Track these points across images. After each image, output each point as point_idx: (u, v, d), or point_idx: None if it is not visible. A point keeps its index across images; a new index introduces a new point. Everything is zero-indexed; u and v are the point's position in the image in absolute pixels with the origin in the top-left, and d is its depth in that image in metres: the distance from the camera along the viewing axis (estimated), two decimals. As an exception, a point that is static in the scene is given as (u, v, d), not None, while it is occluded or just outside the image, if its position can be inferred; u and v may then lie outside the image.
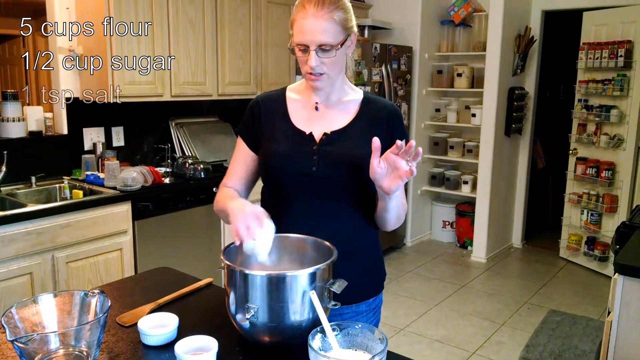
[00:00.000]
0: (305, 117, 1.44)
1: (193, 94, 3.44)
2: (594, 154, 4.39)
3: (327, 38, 1.30)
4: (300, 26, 1.31)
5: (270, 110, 1.47)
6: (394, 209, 1.34)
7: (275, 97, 1.50)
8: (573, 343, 3.21)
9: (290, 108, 1.46)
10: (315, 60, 1.31)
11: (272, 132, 1.44)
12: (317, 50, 1.31)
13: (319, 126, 1.42)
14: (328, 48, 1.31)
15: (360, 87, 1.53)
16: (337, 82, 1.42)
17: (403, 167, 1.19)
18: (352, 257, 1.38)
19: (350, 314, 1.44)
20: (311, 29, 1.29)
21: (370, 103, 1.47)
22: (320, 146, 1.39)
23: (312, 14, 1.29)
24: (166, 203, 3.08)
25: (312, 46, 1.31)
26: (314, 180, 1.37)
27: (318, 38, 1.29)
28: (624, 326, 1.84)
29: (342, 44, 1.33)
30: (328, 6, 1.29)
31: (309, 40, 1.30)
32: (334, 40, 1.31)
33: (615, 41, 4.10)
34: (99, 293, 1.11)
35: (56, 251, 2.59)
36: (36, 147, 3.10)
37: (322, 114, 1.44)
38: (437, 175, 5.15)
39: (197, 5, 3.36)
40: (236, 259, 1.23)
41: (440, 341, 3.27)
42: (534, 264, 4.70)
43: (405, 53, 4.67)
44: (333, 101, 1.45)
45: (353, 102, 1.46)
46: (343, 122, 1.43)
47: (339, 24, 1.31)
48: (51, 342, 1.00)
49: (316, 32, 1.29)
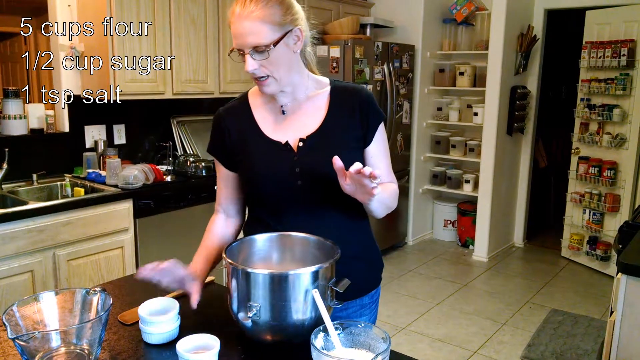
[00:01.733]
0: (274, 123, 1.37)
1: (194, 92, 3.44)
2: (596, 153, 4.37)
3: (257, 39, 1.20)
4: (232, 30, 1.23)
5: (237, 123, 1.38)
6: (378, 209, 1.33)
7: (239, 106, 1.41)
8: (575, 342, 3.20)
9: (257, 117, 1.38)
10: (252, 64, 1.23)
11: (247, 149, 1.36)
12: (252, 53, 1.22)
13: (292, 131, 1.35)
14: (262, 49, 1.21)
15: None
16: (294, 80, 1.32)
17: (368, 185, 1.13)
18: (354, 255, 1.38)
19: (355, 307, 1.43)
20: (239, 32, 1.21)
21: (339, 93, 1.38)
22: (300, 156, 1.32)
23: (238, 15, 1.21)
24: (168, 201, 3.08)
25: (246, 49, 1.22)
26: (300, 192, 1.33)
27: (247, 40, 1.21)
28: (627, 326, 1.83)
29: (277, 42, 1.22)
30: (254, 4, 1.20)
31: (240, 44, 1.22)
32: (265, 40, 1.21)
33: (618, 40, 4.09)
34: (101, 291, 1.11)
35: (57, 249, 2.59)
36: (37, 144, 3.09)
37: (291, 117, 1.36)
38: (439, 174, 5.15)
39: (199, 2, 3.35)
40: (238, 257, 1.23)
41: (441, 340, 3.27)
42: (535, 263, 4.69)
43: (407, 51, 4.66)
44: (300, 100, 1.36)
45: (321, 96, 1.38)
46: (315, 122, 1.35)
47: (269, 22, 1.20)
48: (52, 340, 1.00)
49: (245, 35, 1.21)
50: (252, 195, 1.43)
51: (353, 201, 1.26)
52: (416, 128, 4.89)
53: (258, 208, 1.44)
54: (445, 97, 5.17)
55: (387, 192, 1.36)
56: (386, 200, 1.35)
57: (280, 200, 1.36)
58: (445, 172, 5.13)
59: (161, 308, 1.21)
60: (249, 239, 1.28)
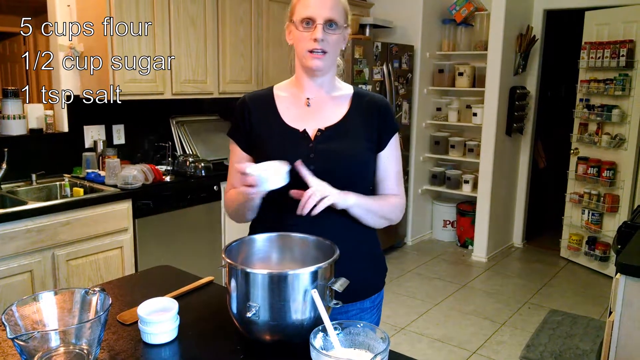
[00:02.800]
0: (296, 114, 1.42)
1: (194, 92, 3.44)
2: (595, 154, 4.38)
3: (335, 14, 1.32)
4: (306, 2, 1.32)
5: (259, 109, 1.44)
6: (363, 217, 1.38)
7: (263, 95, 1.48)
8: (574, 343, 3.21)
9: (279, 106, 1.44)
10: (321, 32, 1.31)
11: (265, 133, 1.41)
12: (324, 26, 1.31)
13: (311, 122, 1.40)
14: (333, 26, 1.32)
15: (361, 86, 1.53)
16: (329, 74, 1.42)
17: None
18: (355, 254, 1.38)
19: (355, 311, 1.44)
20: (320, 3, 1.31)
21: (361, 97, 1.46)
22: (316, 143, 1.37)
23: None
24: (167, 201, 3.08)
25: (320, 19, 1.31)
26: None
27: (327, 13, 1.31)
28: (626, 326, 1.84)
29: (345, 27, 1.36)
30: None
31: (316, 13, 1.31)
32: (340, 19, 1.33)
33: (617, 41, 4.10)
34: (100, 291, 1.11)
35: (57, 249, 2.59)
36: (37, 144, 3.09)
37: (313, 110, 1.42)
38: (438, 174, 5.15)
39: (198, 3, 3.35)
40: (238, 257, 1.23)
41: (440, 340, 3.27)
42: (534, 264, 4.69)
43: (406, 52, 4.67)
44: (324, 95, 1.43)
45: (344, 97, 1.45)
46: (336, 117, 1.41)
47: (344, 9, 1.35)
48: (52, 340, 1.00)
49: (325, 6, 1.31)
50: None
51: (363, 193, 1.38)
52: (415, 128, 4.89)
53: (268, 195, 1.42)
54: (445, 97, 5.17)
55: (378, 202, 1.41)
56: (373, 209, 1.39)
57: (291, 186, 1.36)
58: (445, 172, 5.14)
59: (160, 308, 1.21)
60: (249, 239, 1.28)
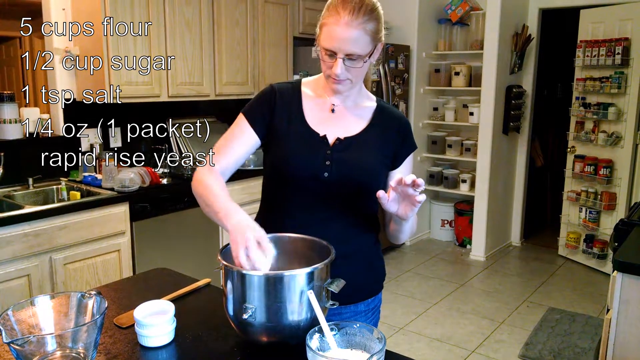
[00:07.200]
0: (319, 117, 1.41)
1: (190, 95, 3.44)
2: (592, 152, 4.39)
3: (357, 49, 1.26)
4: (330, 32, 1.26)
5: (285, 104, 1.41)
6: (408, 230, 1.37)
7: (291, 90, 1.44)
8: (572, 341, 3.21)
9: (305, 106, 1.42)
10: (341, 68, 1.28)
11: (285, 129, 1.39)
12: (345, 59, 1.27)
13: (333, 129, 1.39)
14: (355, 58, 1.27)
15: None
16: (355, 88, 1.41)
17: (413, 194, 1.19)
18: (352, 258, 1.38)
19: (349, 313, 1.44)
20: (342, 37, 1.25)
21: (383, 112, 1.45)
22: (334, 152, 1.36)
23: (346, 22, 1.24)
24: (164, 204, 3.07)
25: (340, 54, 1.27)
26: (325, 185, 1.35)
27: (348, 48, 1.26)
28: (623, 323, 1.84)
29: (370, 54, 1.30)
30: (363, 16, 1.25)
31: (337, 47, 1.26)
32: (362, 51, 1.27)
33: (613, 39, 4.10)
34: (96, 294, 1.11)
35: (54, 253, 2.59)
36: (33, 148, 3.08)
37: (337, 117, 1.41)
38: (436, 174, 5.15)
39: (193, 5, 3.35)
40: (234, 258, 1.22)
41: (439, 340, 3.27)
42: (532, 262, 4.70)
43: (402, 52, 4.67)
44: (349, 105, 1.42)
45: (367, 109, 1.44)
46: (357, 128, 1.41)
47: (370, 34, 1.27)
48: (48, 344, 1.00)
49: (347, 42, 1.25)
50: (277, 179, 1.41)
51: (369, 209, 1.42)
52: (412, 128, 4.88)
53: (273, 191, 1.44)
54: (441, 97, 5.17)
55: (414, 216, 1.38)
56: (413, 224, 1.39)
57: (301, 187, 1.37)
58: (442, 172, 5.14)
59: (157, 311, 1.21)
60: (244, 241, 1.28)
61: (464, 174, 5.02)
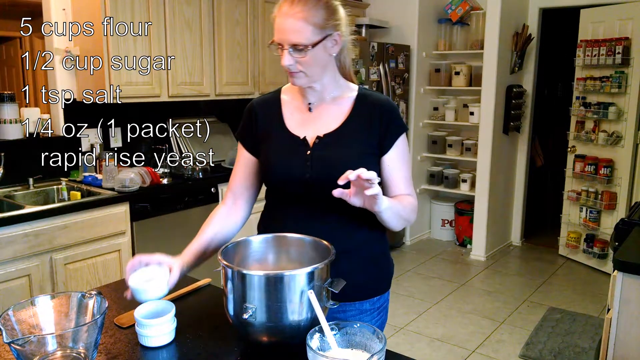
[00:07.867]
0: (299, 120, 1.43)
1: (190, 95, 3.44)
2: (592, 151, 4.39)
3: (298, 38, 1.27)
4: (276, 24, 1.30)
5: (266, 115, 1.46)
6: (392, 220, 1.32)
7: (271, 100, 1.49)
8: (573, 340, 3.21)
9: (284, 112, 1.45)
10: (288, 59, 1.30)
11: (268, 138, 1.44)
12: (291, 50, 1.29)
13: (312, 129, 1.41)
14: (301, 48, 1.28)
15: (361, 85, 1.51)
16: (325, 80, 1.39)
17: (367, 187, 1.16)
18: (352, 254, 1.38)
19: (354, 311, 1.43)
20: (282, 28, 1.28)
21: (365, 100, 1.43)
22: (313, 151, 1.38)
23: (285, 12, 1.28)
24: (164, 204, 3.07)
25: (285, 45, 1.29)
26: (308, 185, 1.37)
27: (288, 37, 1.28)
28: (624, 323, 1.84)
29: (316, 44, 1.29)
30: (302, 5, 1.27)
31: (280, 38, 1.30)
32: (306, 41, 1.28)
33: (613, 38, 4.10)
34: (97, 294, 1.11)
35: (54, 253, 2.59)
36: (33, 148, 3.09)
37: (315, 116, 1.43)
38: (436, 173, 5.15)
39: (193, 5, 3.35)
40: (234, 258, 1.23)
41: (440, 340, 3.27)
42: (533, 262, 4.70)
43: (402, 52, 4.67)
44: (327, 100, 1.43)
45: (346, 101, 1.43)
46: (336, 122, 1.40)
47: (312, 24, 1.27)
48: (48, 344, 1.00)
49: (287, 32, 1.28)
50: (268, 185, 1.50)
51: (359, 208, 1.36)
52: (413, 128, 4.90)
53: (271, 198, 1.51)
54: (442, 96, 5.17)
55: (402, 204, 1.36)
56: (401, 212, 1.34)
57: (288, 190, 1.42)
58: (442, 171, 5.14)
59: (157, 311, 1.21)
60: (245, 241, 1.29)
61: (464, 173, 5.02)
